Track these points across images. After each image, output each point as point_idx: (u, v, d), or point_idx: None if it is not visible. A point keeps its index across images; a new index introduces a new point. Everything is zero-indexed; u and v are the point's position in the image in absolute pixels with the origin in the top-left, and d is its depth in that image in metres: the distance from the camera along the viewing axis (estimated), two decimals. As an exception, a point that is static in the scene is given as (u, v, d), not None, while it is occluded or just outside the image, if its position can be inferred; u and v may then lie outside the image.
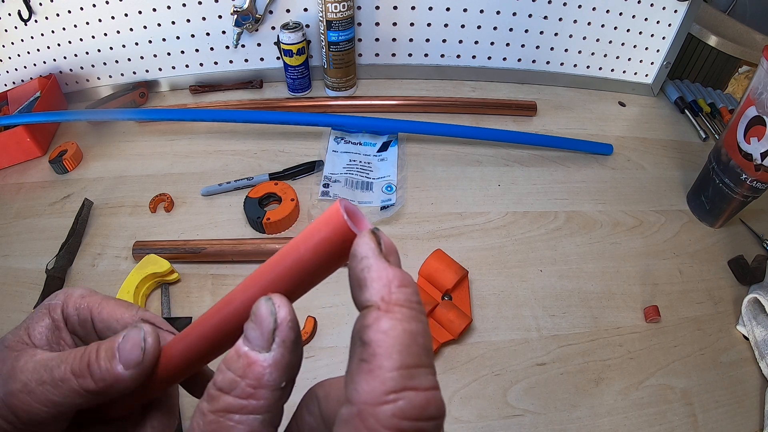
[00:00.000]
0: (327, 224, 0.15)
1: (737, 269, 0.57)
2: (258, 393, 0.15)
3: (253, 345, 0.16)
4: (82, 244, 0.56)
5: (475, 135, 0.69)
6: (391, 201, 0.60)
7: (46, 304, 0.26)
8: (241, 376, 0.15)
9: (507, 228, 0.60)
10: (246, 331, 0.16)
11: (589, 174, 0.68)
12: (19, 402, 0.21)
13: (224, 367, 0.16)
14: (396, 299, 0.15)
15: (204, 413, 0.16)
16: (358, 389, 0.14)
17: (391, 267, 0.15)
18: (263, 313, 0.16)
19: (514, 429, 0.44)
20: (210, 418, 0.15)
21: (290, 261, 0.16)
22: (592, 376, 0.47)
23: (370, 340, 0.14)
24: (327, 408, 0.18)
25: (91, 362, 0.21)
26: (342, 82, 0.76)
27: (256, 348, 0.16)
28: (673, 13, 0.74)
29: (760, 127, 0.51)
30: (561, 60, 0.81)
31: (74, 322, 0.26)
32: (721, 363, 0.50)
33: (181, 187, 0.63)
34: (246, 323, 0.16)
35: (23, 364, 0.23)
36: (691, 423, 0.45)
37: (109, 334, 0.26)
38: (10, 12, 0.70)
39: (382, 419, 0.13)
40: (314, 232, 0.16)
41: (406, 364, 0.14)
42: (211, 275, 0.53)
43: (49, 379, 0.21)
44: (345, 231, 0.15)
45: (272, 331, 0.16)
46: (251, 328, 0.16)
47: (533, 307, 0.52)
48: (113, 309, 0.26)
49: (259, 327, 0.16)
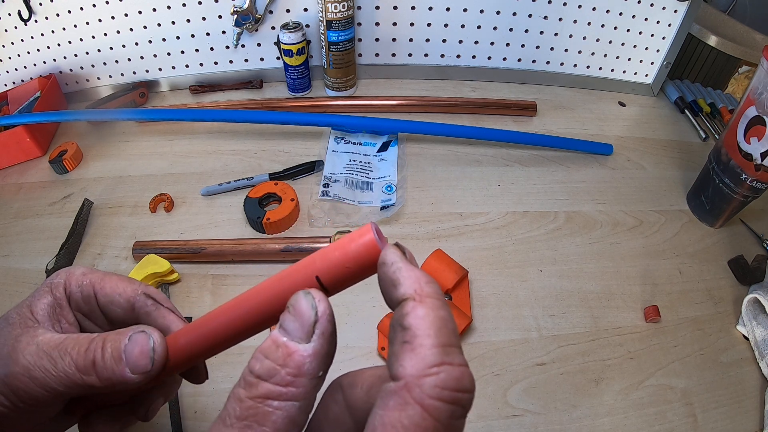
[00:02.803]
0: (360, 237, 0.17)
1: (737, 269, 0.57)
2: (297, 381, 0.16)
3: (292, 336, 0.17)
4: (82, 244, 0.56)
5: (475, 135, 0.69)
6: (391, 201, 0.60)
7: (48, 283, 0.27)
8: (282, 365, 0.16)
9: (507, 228, 0.60)
10: (284, 322, 0.17)
11: (589, 174, 0.68)
12: (20, 383, 0.22)
13: (261, 355, 0.17)
14: (427, 292, 0.17)
15: (241, 399, 0.17)
16: (404, 365, 0.15)
17: (417, 268, 0.18)
18: (304, 307, 0.17)
19: (514, 429, 0.44)
20: (248, 403, 0.16)
21: (319, 265, 0.18)
22: (592, 376, 0.47)
23: (410, 325, 0.16)
24: (352, 396, 0.19)
25: (96, 360, 0.22)
26: (342, 82, 0.76)
27: (295, 339, 0.17)
28: (673, 13, 0.74)
29: (760, 127, 0.51)
30: (561, 60, 0.81)
31: (78, 299, 0.27)
32: (721, 363, 0.50)
33: (181, 187, 0.63)
34: (284, 315, 0.17)
35: (25, 345, 0.23)
36: (691, 423, 0.45)
37: (113, 308, 0.27)
38: (10, 12, 0.70)
39: (426, 389, 0.15)
40: (346, 244, 0.18)
41: (442, 343, 0.16)
42: (211, 275, 0.53)
43: (52, 368, 0.22)
44: (373, 246, 0.17)
45: (313, 324, 0.17)
46: (290, 320, 0.17)
47: (533, 307, 0.52)
48: (116, 284, 0.27)
49: (299, 319, 0.17)
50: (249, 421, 0.16)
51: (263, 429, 0.16)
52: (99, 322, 0.28)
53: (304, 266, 0.18)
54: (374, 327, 0.48)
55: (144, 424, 0.42)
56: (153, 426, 0.42)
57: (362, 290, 0.54)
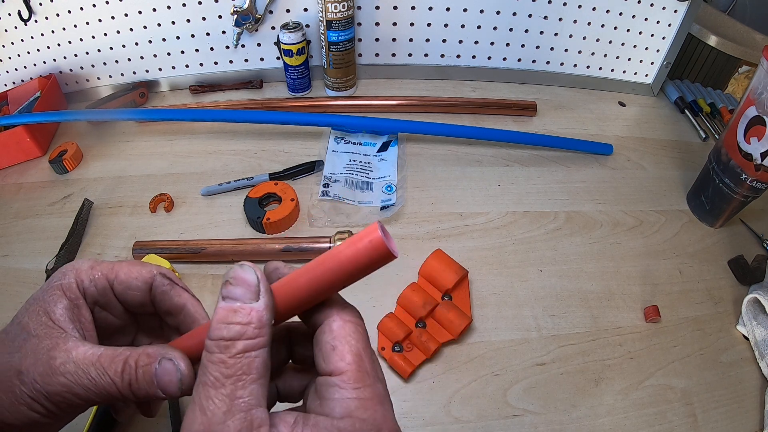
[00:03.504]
0: (368, 234, 0.20)
1: (737, 269, 0.57)
2: (262, 331, 0.20)
3: (243, 300, 0.20)
4: (82, 244, 0.56)
5: (475, 135, 0.69)
6: (391, 201, 0.60)
7: (58, 285, 0.27)
8: (246, 324, 0.20)
9: (507, 228, 0.60)
10: (230, 293, 0.20)
11: (589, 174, 0.68)
12: (62, 399, 0.24)
13: (223, 324, 0.20)
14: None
15: (224, 361, 0.19)
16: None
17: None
18: (246, 275, 0.21)
19: (514, 429, 0.44)
20: (231, 362, 0.19)
21: (330, 264, 0.21)
22: (592, 376, 0.47)
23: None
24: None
25: (132, 382, 0.24)
26: (342, 82, 0.76)
27: (247, 301, 0.20)
28: (673, 13, 0.74)
29: (760, 127, 0.51)
30: (561, 60, 0.81)
31: (93, 294, 0.27)
32: (721, 363, 0.50)
33: (181, 187, 0.63)
34: (226, 288, 0.21)
35: (61, 363, 0.24)
36: (691, 423, 0.45)
37: (131, 293, 0.28)
38: (10, 12, 0.70)
39: None
40: (356, 241, 0.20)
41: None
42: (211, 275, 0.53)
43: (92, 386, 0.24)
44: (379, 242, 0.19)
45: (257, 284, 0.21)
46: (236, 289, 0.20)
47: (533, 307, 0.52)
48: (129, 269, 0.28)
49: (245, 285, 0.20)
50: (237, 375, 0.19)
51: (251, 376, 0.19)
52: (115, 312, 0.29)
53: (319, 263, 0.21)
54: (374, 327, 0.48)
55: (145, 423, 0.42)
56: (153, 426, 0.42)
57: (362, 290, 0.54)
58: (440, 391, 0.46)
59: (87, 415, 0.41)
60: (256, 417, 0.19)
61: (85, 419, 0.41)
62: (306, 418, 0.20)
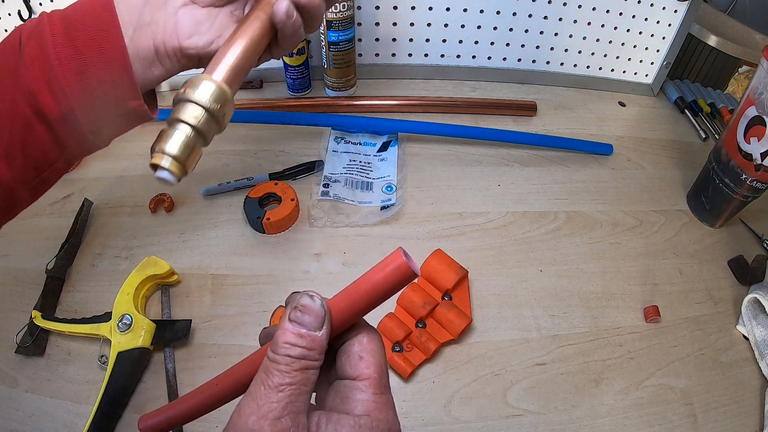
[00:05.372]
0: (393, 261, 0.23)
1: (737, 269, 0.57)
2: (321, 355, 0.23)
3: (309, 327, 0.23)
4: (82, 244, 0.56)
5: (475, 135, 0.69)
6: (391, 201, 0.60)
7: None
8: (310, 348, 0.23)
9: (507, 228, 0.60)
10: (298, 318, 0.23)
11: (589, 174, 0.68)
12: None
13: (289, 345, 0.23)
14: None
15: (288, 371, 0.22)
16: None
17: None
18: (315, 306, 0.23)
19: (514, 429, 0.44)
20: (294, 374, 0.22)
21: (365, 287, 0.24)
22: (592, 376, 0.47)
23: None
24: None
25: None
26: (342, 82, 0.76)
27: (312, 328, 0.23)
28: (673, 13, 0.74)
29: (760, 127, 0.51)
30: (561, 60, 0.81)
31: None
32: (721, 363, 0.50)
33: (181, 187, 0.63)
34: (294, 313, 0.23)
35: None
36: (691, 423, 0.45)
37: None
38: (10, 12, 0.70)
39: None
40: (383, 267, 0.23)
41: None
42: (211, 275, 0.53)
43: None
44: (405, 267, 0.22)
45: (323, 315, 0.23)
46: (304, 316, 0.23)
47: (533, 307, 0.52)
48: None
49: (312, 314, 0.23)
50: (298, 385, 0.22)
51: (306, 387, 0.23)
52: None
53: (353, 290, 0.24)
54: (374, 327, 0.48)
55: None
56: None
57: (362, 290, 0.53)
58: (440, 391, 0.46)
59: (87, 415, 0.41)
60: (302, 420, 0.23)
61: (85, 419, 0.41)
62: (329, 416, 0.23)
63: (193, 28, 0.34)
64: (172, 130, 0.31)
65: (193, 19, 0.34)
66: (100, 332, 0.46)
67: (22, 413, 0.43)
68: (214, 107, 0.31)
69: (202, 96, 0.31)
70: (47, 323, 0.47)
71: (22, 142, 0.31)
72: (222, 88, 0.32)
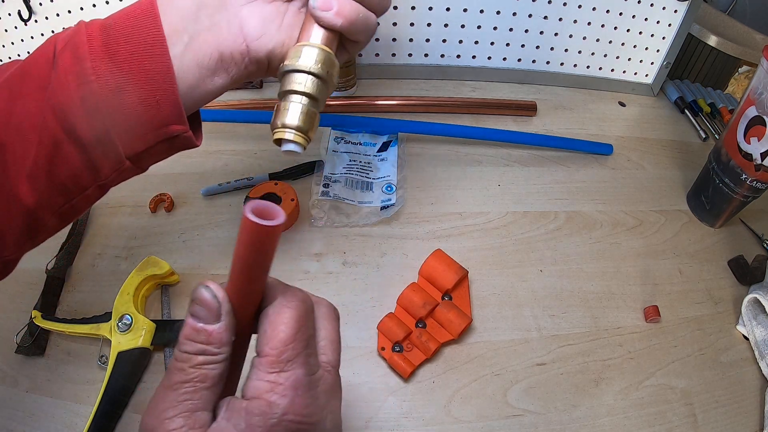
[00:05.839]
0: (244, 227, 0.21)
1: (737, 269, 0.57)
2: (221, 350, 0.22)
3: (206, 321, 0.22)
4: (82, 244, 0.56)
5: (475, 135, 0.69)
6: (391, 201, 0.60)
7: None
8: (207, 343, 0.22)
9: (507, 228, 0.60)
10: (194, 312, 0.22)
11: (589, 174, 0.68)
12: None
13: (188, 340, 0.22)
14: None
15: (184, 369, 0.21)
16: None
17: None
18: (207, 297, 0.22)
19: (514, 429, 0.44)
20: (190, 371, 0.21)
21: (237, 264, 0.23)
22: (592, 376, 0.47)
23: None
24: None
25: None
26: (342, 82, 0.76)
27: (209, 322, 0.22)
28: (673, 13, 0.74)
29: (760, 127, 0.51)
30: (561, 60, 0.81)
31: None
32: (721, 363, 0.50)
33: (181, 187, 0.63)
34: (192, 306, 0.22)
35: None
36: (691, 423, 0.45)
37: None
38: (10, 12, 0.70)
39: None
40: (240, 235, 0.22)
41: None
42: (211, 275, 0.53)
43: None
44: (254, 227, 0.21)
45: (218, 308, 0.22)
46: (199, 309, 0.22)
47: (533, 307, 0.52)
48: None
49: (206, 307, 0.22)
50: (193, 382, 0.21)
51: (204, 384, 0.21)
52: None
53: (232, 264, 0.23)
54: (374, 327, 0.48)
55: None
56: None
57: (362, 290, 0.54)
58: (440, 391, 0.46)
59: (87, 415, 0.41)
60: (200, 418, 0.21)
61: (85, 419, 0.41)
62: (229, 403, 0.22)
63: (261, 28, 0.32)
64: (286, 102, 0.31)
65: (260, 18, 0.32)
66: (100, 332, 0.46)
67: (22, 413, 0.43)
68: (321, 70, 0.31)
69: (307, 61, 0.30)
70: (47, 323, 0.47)
71: (48, 163, 0.28)
72: (324, 50, 0.31)
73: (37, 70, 0.28)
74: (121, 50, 0.28)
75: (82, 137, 0.28)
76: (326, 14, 0.30)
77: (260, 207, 0.21)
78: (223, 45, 0.30)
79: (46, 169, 0.28)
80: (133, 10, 0.29)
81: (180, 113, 0.30)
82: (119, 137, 0.29)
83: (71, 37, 0.29)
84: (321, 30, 0.32)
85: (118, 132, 0.29)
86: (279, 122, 0.31)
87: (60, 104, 0.27)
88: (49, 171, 0.29)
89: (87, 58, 0.28)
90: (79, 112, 0.27)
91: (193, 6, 0.30)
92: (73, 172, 0.29)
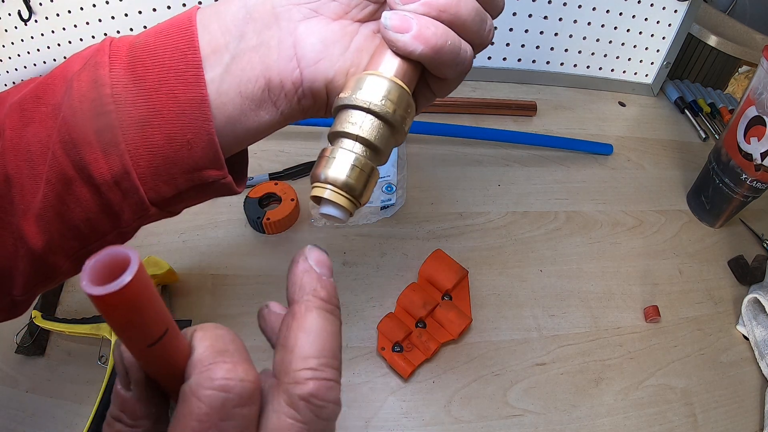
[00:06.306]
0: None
1: (737, 269, 0.57)
2: (138, 422, 0.18)
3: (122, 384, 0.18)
4: (82, 244, 0.56)
5: (475, 135, 0.69)
6: (391, 201, 0.60)
7: None
8: (122, 411, 0.18)
9: (507, 228, 0.60)
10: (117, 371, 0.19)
11: (589, 174, 0.68)
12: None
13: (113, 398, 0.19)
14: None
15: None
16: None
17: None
18: (116, 360, 0.18)
19: (514, 429, 0.44)
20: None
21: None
22: (592, 376, 0.47)
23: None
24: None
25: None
26: (342, 82, 0.76)
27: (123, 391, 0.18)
28: (673, 13, 0.74)
29: (760, 127, 0.51)
30: (561, 60, 0.81)
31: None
32: (721, 363, 0.50)
33: (181, 187, 0.63)
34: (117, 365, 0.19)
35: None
36: (691, 423, 0.45)
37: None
38: (10, 12, 0.70)
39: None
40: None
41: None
42: (211, 275, 0.53)
43: None
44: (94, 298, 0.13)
45: (125, 374, 0.18)
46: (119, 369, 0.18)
47: (533, 307, 0.52)
48: None
49: (118, 371, 0.18)
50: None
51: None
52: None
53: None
54: (374, 327, 0.48)
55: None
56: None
57: (362, 290, 0.54)
58: (440, 391, 0.46)
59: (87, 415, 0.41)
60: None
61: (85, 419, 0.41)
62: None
63: (320, 51, 0.25)
64: (335, 149, 0.23)
65: (319, 37, 0.25)
66: (100, 332, 0.46)
67: (23, 413, 0.43)
68: (388, 110, 0.23)
69: (370, 96, 0.22)
70: (47, 323, 0.47)
71: (58, 205, 0.24)
72: (396, 83, 0.23)
73: (51, 92, 0.24)
74: (149, 75, 0.23)
75: (95, 177, 0.23)
76: (402, 37, 0.22)
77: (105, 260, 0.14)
78: (271, 69, 0.24)
79: (56, 210, 0.24)
80: (168, 26, 0.25)
81: (216, 155, 0.24)
82: (142, 180, 0.24)
83: (92, 55, 0.24)
84: (396, 59, 0.24)
85: (140, 174, 0.24)
86: (321, 174, 0.23)
87: (71, 137, 0.22)
88: (60, 213, 0.24)
89: (107, 82, 0.22)
90: (94, 148, 0.22)
91: (240, 18, 0.24)
92: (87, 215, 0.24)
